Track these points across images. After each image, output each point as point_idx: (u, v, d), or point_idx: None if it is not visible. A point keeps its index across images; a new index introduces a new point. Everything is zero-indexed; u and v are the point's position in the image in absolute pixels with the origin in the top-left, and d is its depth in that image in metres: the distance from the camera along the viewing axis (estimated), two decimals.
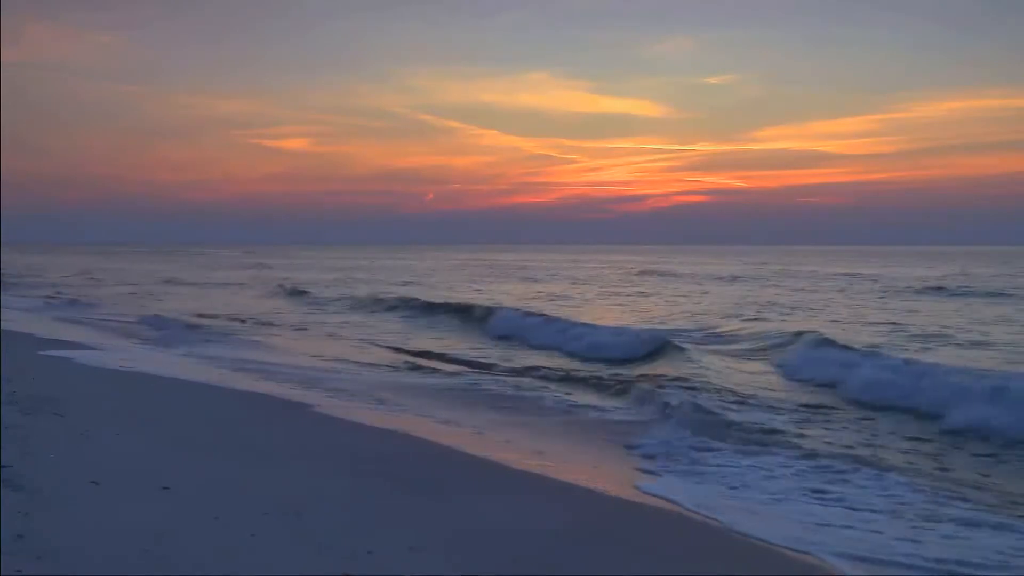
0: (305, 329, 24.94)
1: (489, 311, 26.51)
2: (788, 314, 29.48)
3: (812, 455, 9.60)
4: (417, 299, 32.85)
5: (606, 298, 39.02)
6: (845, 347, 17.80)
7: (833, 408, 12.93)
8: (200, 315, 27.77)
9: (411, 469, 8.40)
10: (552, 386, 14.87)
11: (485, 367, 17.36)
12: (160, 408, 10.72)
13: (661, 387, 13.92)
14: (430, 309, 30.10)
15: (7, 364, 12.41)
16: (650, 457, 9.55)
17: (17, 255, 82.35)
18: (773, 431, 10.98)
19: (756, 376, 16.28)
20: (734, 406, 12.73)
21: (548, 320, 23.52)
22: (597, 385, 15.05)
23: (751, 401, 13.30)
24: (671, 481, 8.56)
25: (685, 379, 15.02)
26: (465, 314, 27.82)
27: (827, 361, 16.10)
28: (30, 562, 4.89)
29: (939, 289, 40.70)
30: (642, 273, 62.45)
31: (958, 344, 20.63)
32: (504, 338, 22.47)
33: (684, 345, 19.52)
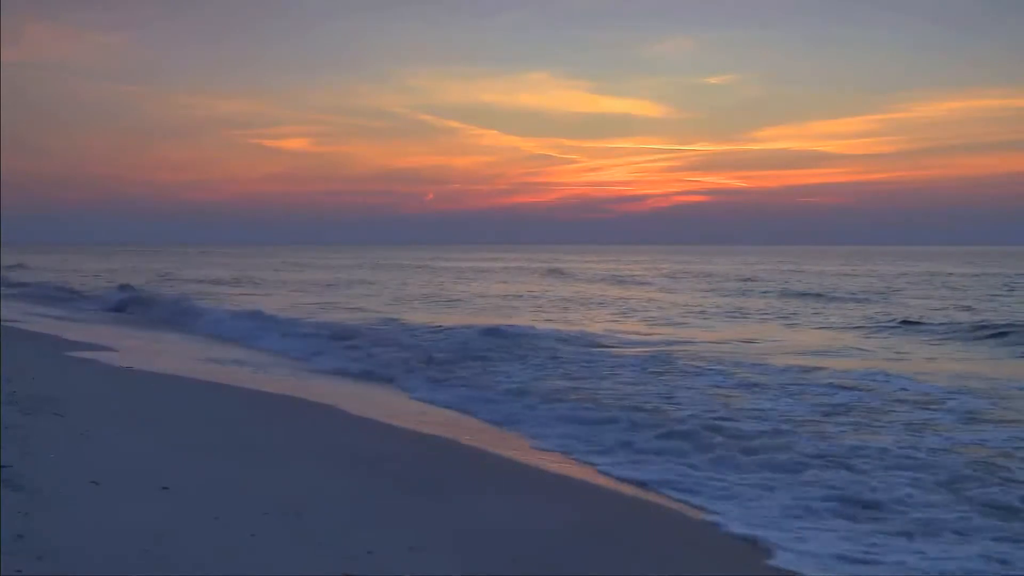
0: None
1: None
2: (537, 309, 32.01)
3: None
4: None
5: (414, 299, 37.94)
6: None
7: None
8: None
9: (411, 469, 8.40)
10: None
11: None
12: (160, 408, 10.71)
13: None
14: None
15: (7, 364, 12.40)
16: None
17: (15, 255, 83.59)
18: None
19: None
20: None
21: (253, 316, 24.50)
22: None
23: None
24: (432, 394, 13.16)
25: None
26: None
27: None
28: (30, 562, 4.89)
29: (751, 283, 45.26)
30: (548, 272, 63.76)
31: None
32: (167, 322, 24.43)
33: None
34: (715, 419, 10.82)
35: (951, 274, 56.27)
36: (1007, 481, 8.17)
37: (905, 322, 24.55)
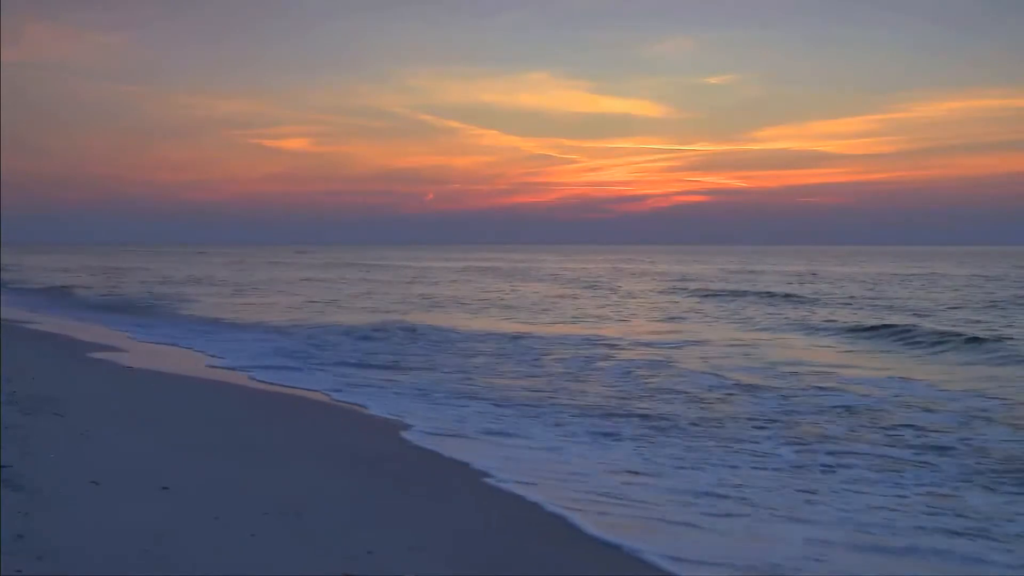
0: None
1: None
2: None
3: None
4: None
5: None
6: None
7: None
8: None
9: (411, 469, 8.40)
10: None
11: None
12: (160, 408, 10.72)
13: None
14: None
15: (7, 364, 12.40)
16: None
17: (15, 255, 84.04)
18: None
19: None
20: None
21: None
22: None
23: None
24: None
25: None
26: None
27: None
28: (30, 562, 4.89)
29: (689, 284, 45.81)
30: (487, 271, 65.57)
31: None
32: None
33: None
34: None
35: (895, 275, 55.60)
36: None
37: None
